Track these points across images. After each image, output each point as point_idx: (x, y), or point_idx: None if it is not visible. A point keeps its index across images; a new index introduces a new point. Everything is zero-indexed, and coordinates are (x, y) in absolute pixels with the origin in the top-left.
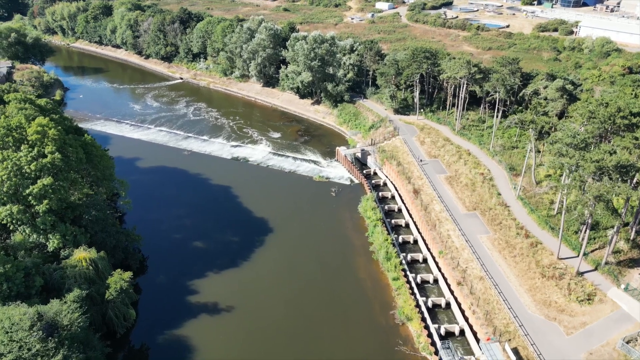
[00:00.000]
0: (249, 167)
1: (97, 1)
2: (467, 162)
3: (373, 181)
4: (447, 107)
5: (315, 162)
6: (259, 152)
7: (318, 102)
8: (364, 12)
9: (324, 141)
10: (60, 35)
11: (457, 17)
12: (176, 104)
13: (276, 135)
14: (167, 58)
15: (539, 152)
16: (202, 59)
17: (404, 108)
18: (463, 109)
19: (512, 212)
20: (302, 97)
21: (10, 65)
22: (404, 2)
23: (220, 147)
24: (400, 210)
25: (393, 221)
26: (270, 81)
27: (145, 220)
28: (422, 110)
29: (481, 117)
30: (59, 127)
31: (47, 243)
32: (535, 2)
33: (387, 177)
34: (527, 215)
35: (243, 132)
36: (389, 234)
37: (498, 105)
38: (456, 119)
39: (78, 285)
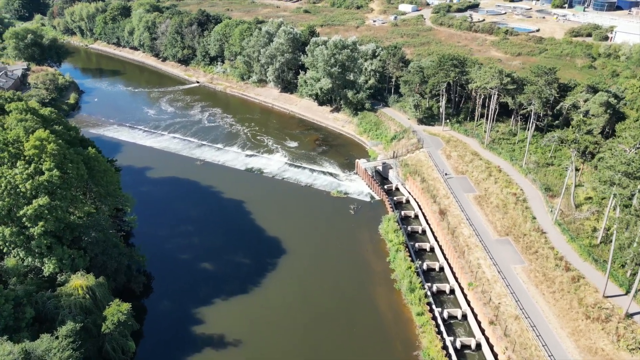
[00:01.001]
0: (263, 180)
1: (116, 2)
2: (498, 180)
3: (395, 198)
4: (475, 118)
5: (333, 175)
6: (274, 163)
7: (337, 110)
8: (387, 14)
9: (342, 152)
10: (78, 36)
11: (483, 20)
12: (191, 109)
13: (293, 144)
14: (184, 61)
15: (577, 170)
16: (219, 63)
17: (429, 118)
18: (492, 121)
19: (549, 239)
20: (321, 104)
21: (26, 67)
22: (428, 4)
23: (234, 157)
24: (424, 231)
25: (417, 245)
26: (288, 87)
27: (151, 237)
28: (448, 120)
29: (512, 129)
30: (60, 141)
31: (42, 267)
32: (566, 5)
33: (410, 193)
34: (567, 244)
35: (259, 140)
36: (412, 260)
37: (532, 118)
38: (485, 132)
39: (73, 316)
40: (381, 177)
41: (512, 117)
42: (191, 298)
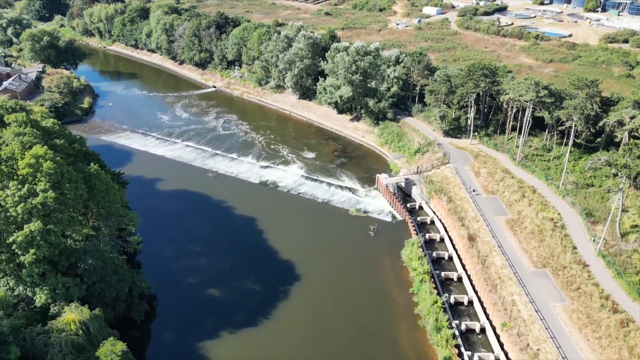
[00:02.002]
0: (277, 195)
1: (135, 3)
2: (532, 202)
3: (419, 218)
4: (506, 131)
5: (352, 190)
6: (290, 176)
7: (357, 119)
8: (410, 17)
9: (362, 164)
10: (97, 37)
11: (512, 24)
12: (206, 115)
13: (310, 155)
14: (201, 64)
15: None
16: (236, 67)
17: (455, 130)
18: (525, 136)
19: (592, 273)
20: (340, 112)
21: (41, 69)
22: (453, 7)
23: (248, 168)
24: (451, 258)
25: (443, 274)
26: (307, 93)
27: (157, 257)
28: (476, 133)
29: (546, 144)
30: (58, 158)
31: (34, 297)
32: (599, 9)
33: (435, 214)
34: (613, 280)
35: (274, 149)
36: (439, 293)
37: (571, 135)
38: (517, 146)
39: (63, 355)
40: (403, 193)
41: (547, 130)
42: (196, 329)
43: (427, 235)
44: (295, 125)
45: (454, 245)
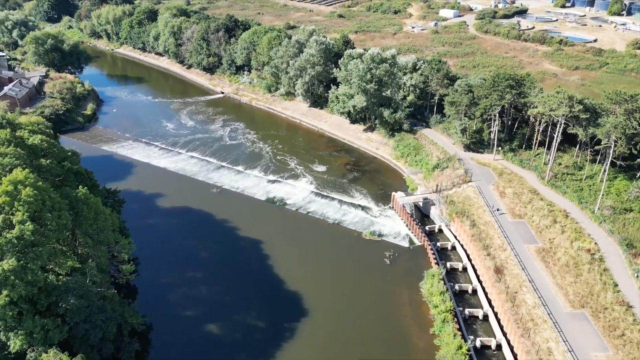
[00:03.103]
0: (285, 214)
1: (144, 5)
2: (565, 228)
3: (438, 243)
4: (533, 146)
5: (365, 209)
6: (299, 191)
7: (371, 129)
8: (426, 20)
9: (376, 179)
10: (105, 39)
11: (533, 27)
12: (213, 123)
13: (321, 168)
14: (209, 69)
15: None
16: (245, 72)
17: (477, 144)
18: (555, 152)
19: (637, 317)
20: (353, 122)
21: (44, 74)
22: (471, 10)
23: (255, 183)
24: (475, 291)
25: (467, 311)
26: (318, 101)
27: (153, 285)
28: (499, 148)
29: (578, 162)
30: (40, 184)
31: (8, 343)
32: (624, 13)
33: (457, 239)
34: None
35: (283, 162)
36: (463, 336)
37: (610, 156)
38: (545, 164)
39: None
40: (421, 213)
41: (578, 146)
42: None
43: (448, 264)
44: (306, 135)
45: (478, 276)
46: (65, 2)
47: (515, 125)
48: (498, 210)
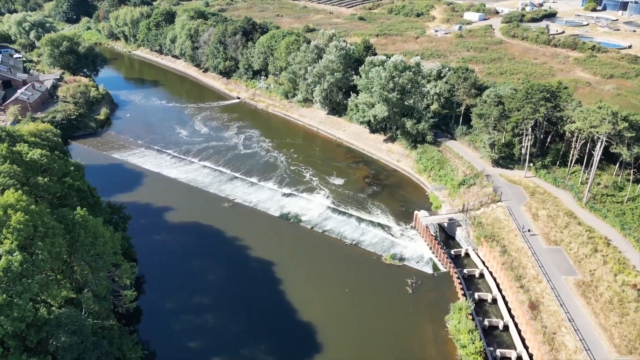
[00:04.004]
0: (300, 232)
1: (162, 7)
2: (607, 259)
3: (465, 270)
4: (569, 163)
5: (385, 228)
6: (315, 207)
7: (392, 140)
8: (450, 23)
9: (397, 195)
10: (122, 41)
11: (563, 32)
12: (227, 130)
13: (338, 181)
14: (226, 73)
15: None
16: (262, 77)
17: (506, 159)
18: (593, 171)
19: None
20: (373, 131)
21: (58, 77)
22: (497, 13)
23: (269, 196)
24: (507, 327)
25: (499, 352)
26: (337, 108)
27: (158, 310)
28: (531, 164)
29: (618, 182)
30: (33, 207)
31: None
32: None
33: (485, 265)
34: None
35: (299, 173)
36: None
37: None
38: (582, 183)
39: None
40: (446, 234)
41: (619, 165)
42: None
43: (476, 295)
44: (323, 144)
45: (509, 310)
46: (84, 2)
47: (548, 139)
48: (529, 231)
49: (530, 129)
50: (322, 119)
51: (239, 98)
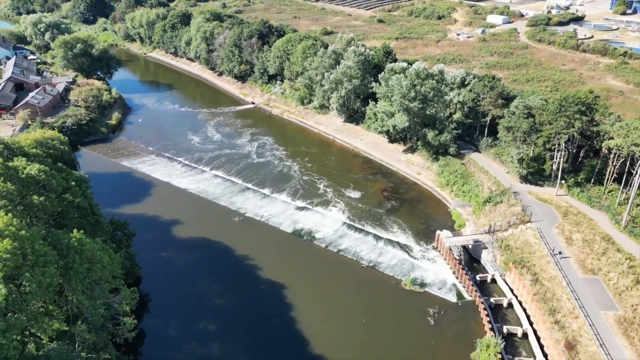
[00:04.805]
0: (313, 252)
1: (178, 9)
2: None
3: (492, 299)
4: (605, 181)
5: (404, 249)
6: (330, 222)
7: (412, 150)
8: (473, 26)
9: (418, 211)
10: (138, 43)
11: (591, 37)
12: (240, 137)
13: (355, 194)
14: (241, 77)
15: None
16: (278, 82)
17: (536, 175)
18: (634, 191)
19: None
20: (392, 141)
21: (71, 80)
22: (522, 16)
23: (281, 210)
24: None
25: None
26: (354, 116)
27: (160, 337)
28: (563, 181)
29: None
30: (23, 232)
31: None
32: None
33: (514, 294)
34: None
35: (313, 184)
36: None
37: None
38: (620, 204)
39: None
40: (470, 256)
41: None
42: None
43: (505, 328)
44: (339, 153)
45: (542, 348)
46: (101, 3)
47: (581, 154)
48: (560, 253)
49: (563, 144)
50: (338, 127)
51: (253, 103)
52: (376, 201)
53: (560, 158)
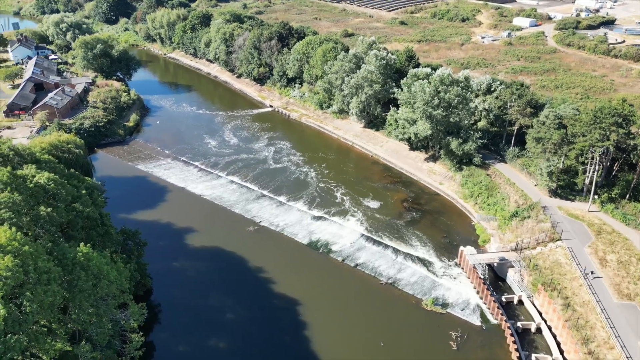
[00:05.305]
0: (329, 265)
1: (199, 9)
2: None
3: (519, 323)
4: None
5: (425, 264)
6: (347, 234)
7: (434, 159)
8: (498, 29)
9: (439, 223)
10: (158, 43)
11: (623, 41)
12: (257, 141)
13: (374, 204)
14: (260, 80)
15: None
16: (296, 85)
17: (566, 188)
18: None
19: None
20: (413, 148)
21: (91, 80)
22: (549, 19)
23: (297, 219)
24: None
25: None
26: (374, 121)
27: (170, 354)
28: (595, 196)
29: None
30: (26, 247)
31: None
32: None
33: (543, 318)
34: None
35: (330, 192)
36: None
37: None
38: None
39: None
40: (494, 274)
41: None
42: None
43: (533, 357)
44: (358, 160)
45: None
46: (123, 3)
47: (616, 167)
48: (593, 273)
49: (597, 158)
50: (357, 133)
51: (271, 106)
52: (396, 212)
53: (594, 174)
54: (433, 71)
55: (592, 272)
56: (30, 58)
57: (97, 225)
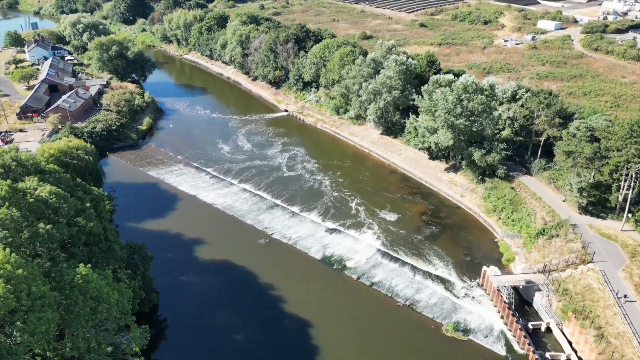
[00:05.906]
0: (343, 283)
1: (215, 11)
2: None
3: (548, 355)
4: None
5: (445, 284)
6: (362, 249)
7: (455, 169)
8: (522, 32)
9: (460, 239)
10: (175, 44)
11: None
12: (271, 147)
13: (391, 216)
14: (275, 83)
15: None
16: (313, 89)
17: (597, 205)
18: None
19: None
20: (433, 158)
21: (105, 82)
22: (576, 22)
23: (310, 231)
24: None
25: None
26: (392, 128)
27: None
28: (629, 214)
29: None
30: (20, 271)
31: None
32: None
33: (573, 349)
34: None
35: (345, 203)
36: None
37: None
38: None
39: None
40: (520, 298)
41: None
42: None
43: None
44: (374, 168)
45: None
46: (141, 4)
47: None
48: (625, 297)
49: (633, 174)
50: (375, 140)
51: (286, 111)
52: (414, 226)
53: (630, 191)
54: (456, 78)
55: (625, 296)
56: (46, 59)
57: (101, 242)
